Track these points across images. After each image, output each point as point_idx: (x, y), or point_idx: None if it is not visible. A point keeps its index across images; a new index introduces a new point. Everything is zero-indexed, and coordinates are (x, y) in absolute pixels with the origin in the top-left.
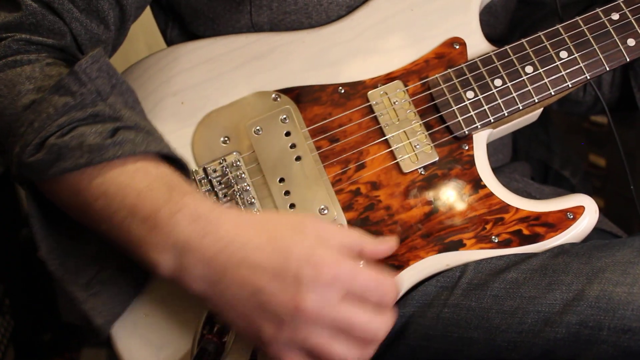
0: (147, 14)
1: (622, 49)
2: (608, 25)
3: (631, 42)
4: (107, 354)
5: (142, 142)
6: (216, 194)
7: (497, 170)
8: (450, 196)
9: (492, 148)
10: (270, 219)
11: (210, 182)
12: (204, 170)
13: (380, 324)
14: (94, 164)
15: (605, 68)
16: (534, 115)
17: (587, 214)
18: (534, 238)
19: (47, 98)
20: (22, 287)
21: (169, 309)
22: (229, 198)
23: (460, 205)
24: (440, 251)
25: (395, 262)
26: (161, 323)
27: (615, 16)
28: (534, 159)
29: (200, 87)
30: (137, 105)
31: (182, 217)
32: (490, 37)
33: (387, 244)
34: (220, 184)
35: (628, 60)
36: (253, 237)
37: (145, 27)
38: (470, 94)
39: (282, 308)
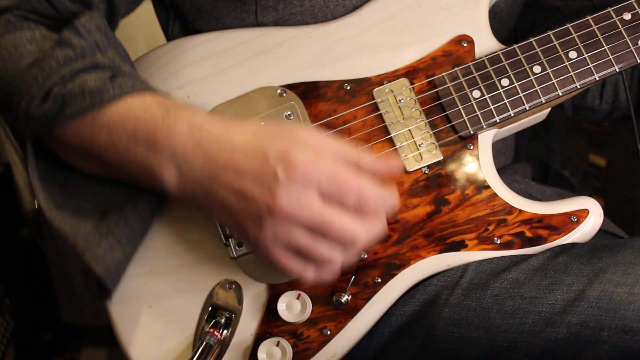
0: (148, 14)
1: (633, 50)
2: (619, 25)
3: None
4: (107, 353)
5: (140, 85)
6: None
7: (498, 171)
8: (454, 196)
9: (495, 150)
10: (264, 127)
11: None
12: None
13: (358, 228)
14: (96, 106)
15: (615, 69)
16: (542, 115)
17: (591, 217)
18: (537, 240)
19: (50, 53)
20: (22, 287)
21: (172, 302)
22: None
23: (463, 206)
24: (441, 251)
25: (396, 262)
26: (164, 315)
27: (627, 16)
28: (534, 158)
29: (207, 80)
30: (134, 67)
31: (180, 127)
32: None
33: (388, 163)
34: None
35: (639, 61)
36: (241, 142)
37: (145, 27)
38: (476, 93)
39: (259, 207)
